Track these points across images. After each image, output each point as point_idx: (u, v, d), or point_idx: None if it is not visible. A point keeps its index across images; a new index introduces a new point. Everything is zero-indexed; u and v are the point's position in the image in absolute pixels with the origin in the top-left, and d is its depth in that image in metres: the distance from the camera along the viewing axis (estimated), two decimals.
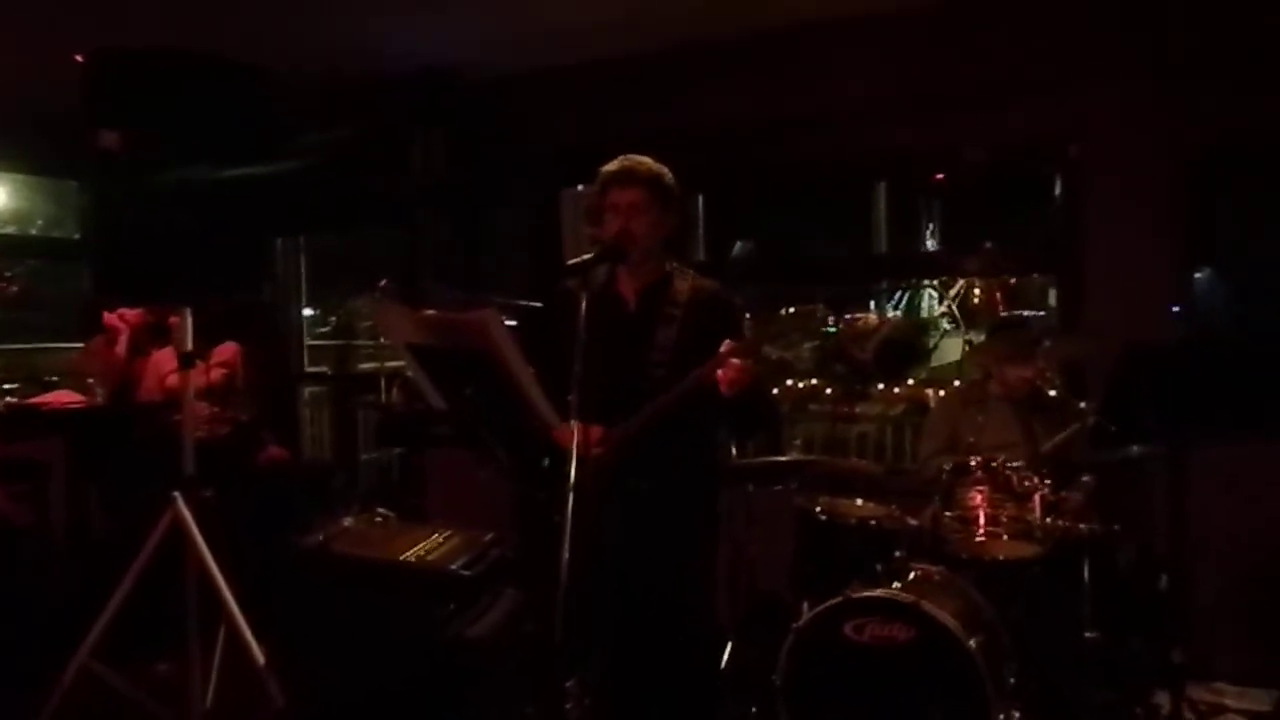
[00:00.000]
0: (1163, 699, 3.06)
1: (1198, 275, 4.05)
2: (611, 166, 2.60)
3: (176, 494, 2.87)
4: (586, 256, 2.48)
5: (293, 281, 5.69)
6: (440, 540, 2.99)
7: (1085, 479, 3.18)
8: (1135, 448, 3.16)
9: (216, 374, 4.02)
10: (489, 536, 3.00)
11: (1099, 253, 3.95)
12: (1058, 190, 4.11)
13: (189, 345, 3.04)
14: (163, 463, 3.03)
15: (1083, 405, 3.40)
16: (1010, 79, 3.99)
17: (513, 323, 2.71)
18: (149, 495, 2.96)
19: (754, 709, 3.11)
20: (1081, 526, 3.06)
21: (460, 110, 5.03)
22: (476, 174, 5.09)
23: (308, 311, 5.88)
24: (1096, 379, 3.48)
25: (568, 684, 2.65)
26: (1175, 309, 3.79)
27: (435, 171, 5.12)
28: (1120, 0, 3.81)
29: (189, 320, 3.08)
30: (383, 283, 3.84)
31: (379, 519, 3.17)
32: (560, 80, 4.79)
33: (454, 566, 2.87)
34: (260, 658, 2.77)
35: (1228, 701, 3.41)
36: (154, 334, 4.18)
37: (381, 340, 4.61)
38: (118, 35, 3.13)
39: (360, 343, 5.43)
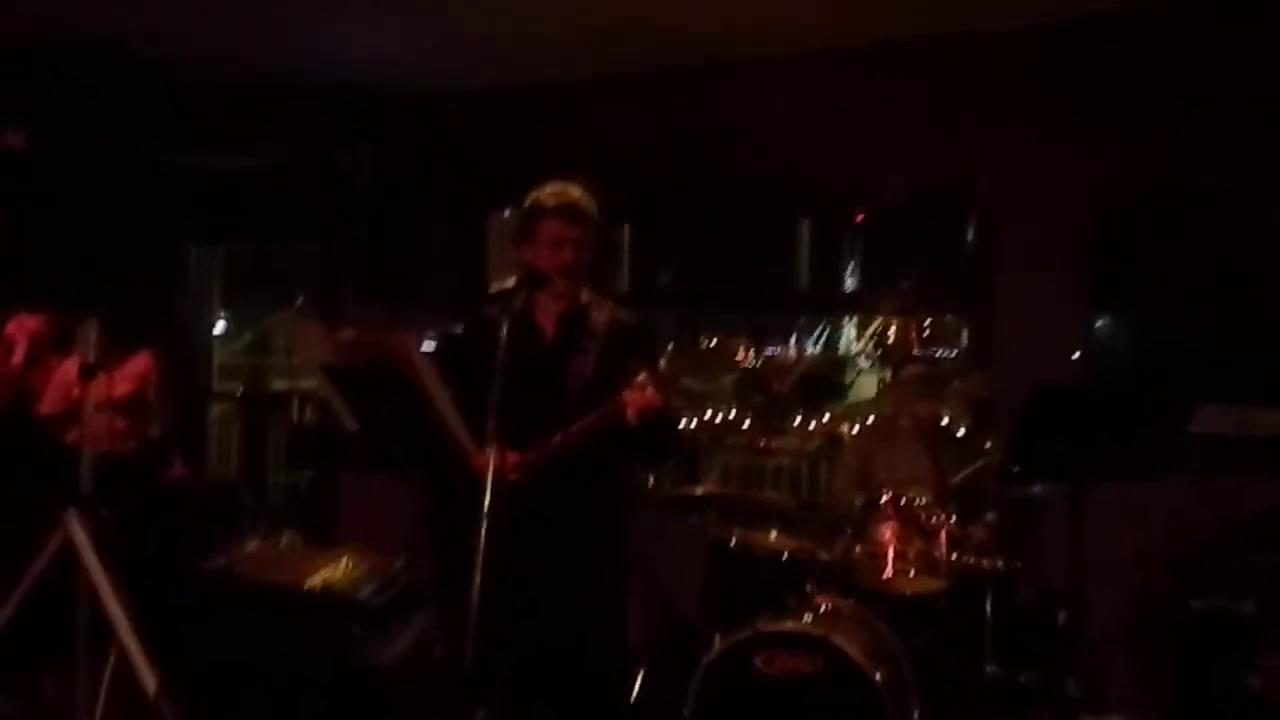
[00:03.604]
0: None
1: (1099, 323, 4.23)
2: (549, 199, 2.59)
3: (70, 511, 2.75)
4: (509, 285, 2.48)
5: (204, 294, 5.55)
6: (348, 566, 2.93)
7: (989, 516, 3.27)
8: (1037, 486, 3.27)
9: (125, 387, 3.88)
10: (399, 563, 2.95)
11: (1008, 295, 4.10)
12: (970, 234, 4.26)
13: (91, 356, 2.93)
14: (59, 478, 2.91)
15: (989, 444, 3.50)
16: (926, 124, 4.13)
17: (432, 345, 2.69)
18: (42, 512, 2.83)
19: None
20: (985, 562, 3.15)
21: (389, 126, 4.99)
22: (403, 191, 5.05)
23: (219, 326, 5.73)
24: (1003, 417, 3.59)
25: (476, 713, 2.61)
26: (1077, 352, 3.95)
27: (361, 186, 5.06)
28: (1030, 51, 3.98)
29: (94, 330, 2.97)
30: (299, 299, 3.77)
31: (284, 543, 3.10)
32: (490, 102, 4.80)
33: (361, 595, 2.81)
34: (152, 684, 2.67)
35: None
36: (58, 343, 4.02)
37: (295, 358, 4.52)
38: (29, 34, 3.03)
39: (273, 360, 5.30)
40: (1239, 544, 3.50)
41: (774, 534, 3.32)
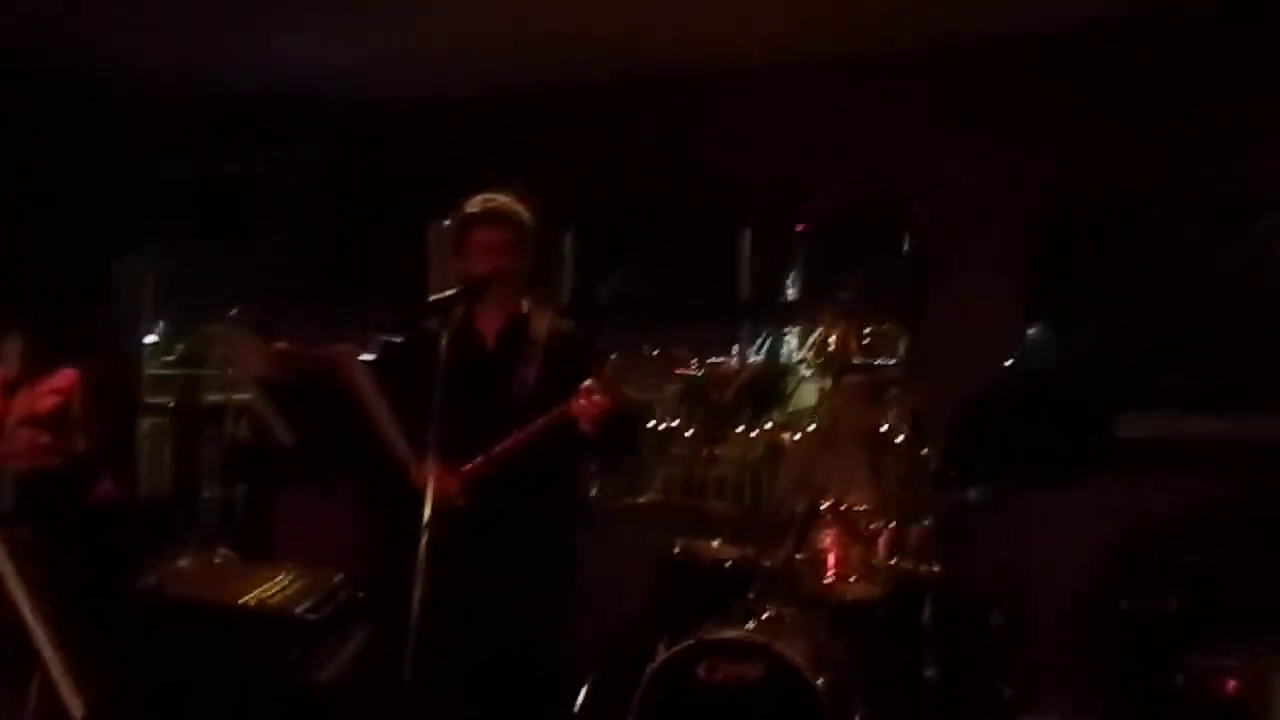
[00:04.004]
0: None
1: (1034, 328, 4.33)
2: (475, 206, 2.61)
3: None
4: (448, 294, 2.46)
5: (135, 305, 5.41)
6: (285, 581, 2.87)
7: (927, 521, 3.32)
8: (974, 492, 3.34)
9: (48, 401, 3.76)
10: (338, 577, 2.90)
11: (945, 304, 4.18)
12: (907, 245, 4.34)
13: (14, 369, 2.84)
14: None
15: (925, 450, 3.56)
16: (867, 137, 4.21)
17: (371, 358, 2.66)
18: None
19: None
20: (923, 567, 3.20)
21: (327, 134, 4.92)
22: (341, 200, 4.99)
23: (150, 338, 5.58)
24: (940, 425, 3.66)
25: None
26: (1012, 360, 4.05)
27: (298, 195, 4.98)
28: (967, 66, 4.08)
29: (17, 342, 2.88)
30: (234, 311, 3.70)
31: (218, 559, 3.02)
32: (433, 111, 4.76)
33: (299, 610, 2.76)
34: (79, 710, 2.57)
35: None
36: None
37: (230, 371, 4.44)
38: None
39: (207, 373, 5.19)
40: (1165, 545, 3.61)
41: (717, 543, 3.33)
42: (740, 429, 4.05)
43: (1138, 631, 3.46)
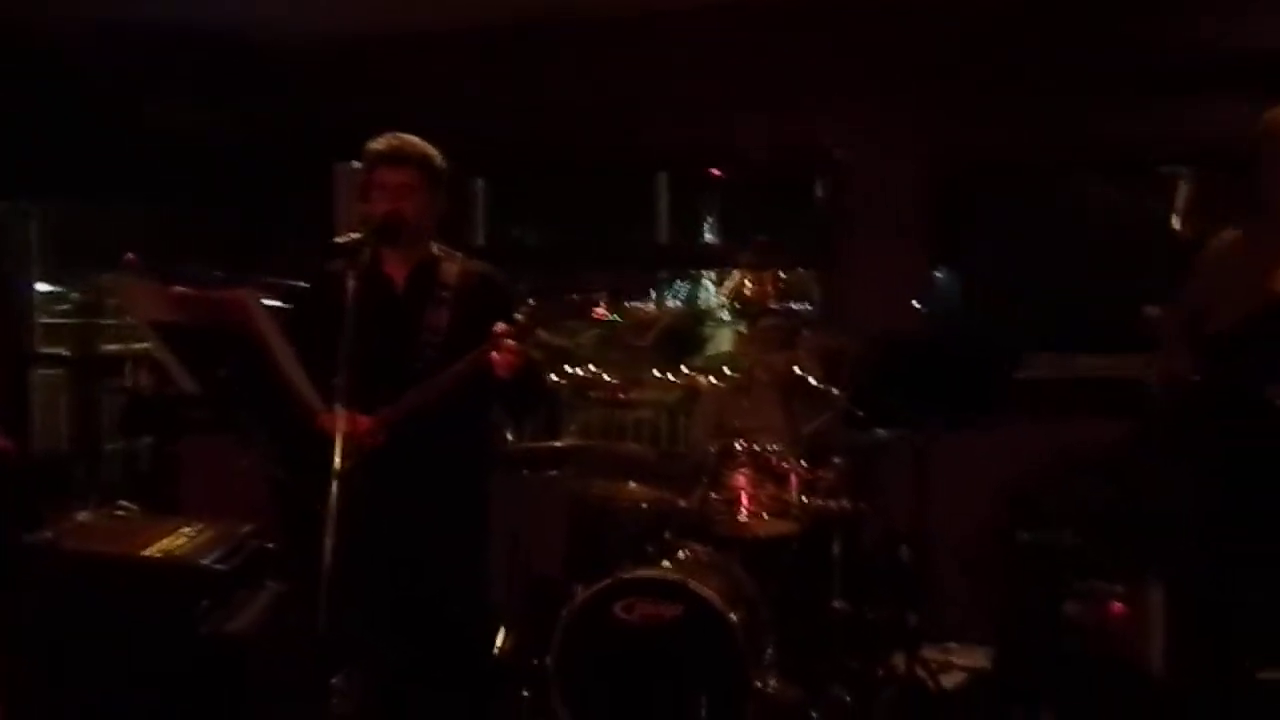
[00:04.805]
0: (900, 660, 3.36)
1: (939, 275, 4.46)
2: (379, 145, 2.54)
3: None
4: (354, 236, 2.40)
5: (22, 252, 5.14)
6: (191, 533, 2.80)
7: (837, 460, 3.41)
8: (881, 431, 3.44)
9: None
10: (247, 528, 2.84)
11: (855, 251, 4.26)
12: (820, 192, 4.40)
13: None
14: None
15: (837, 392, 3.64)
16: (781, 86, 4.22)
17: (276, 303, 2.59)
18: None
19: (526, 693, 3.13)
20: (833, 505, 3.28)
21: (225, 75, 4.71)
22: (242, 144, 4.80)
23: (43, 286, 5.33)
24: (852, 368, 3.74)
25: (334, 679, 2.56)
26: (919, 305, 4.15)
27: (196, 138, 4.78)
28: (881, 24, 4.11)
29: None
30: (129, 256, 3.55)
31: (120, 512, 2.93)
32: (344, 51, 4.59)
33: (206, 560, 2.69)
34: None
35: (954, 659, 3.79)
36: None
37: (127, 319, 4.28)
38: None
39: (106, 322, 4.99)
40: (1063, 480, 3.78)
41: (633, 485, 3.36)
42: (657, 373, 4.08)
43: (1034, 563, 3.63)
